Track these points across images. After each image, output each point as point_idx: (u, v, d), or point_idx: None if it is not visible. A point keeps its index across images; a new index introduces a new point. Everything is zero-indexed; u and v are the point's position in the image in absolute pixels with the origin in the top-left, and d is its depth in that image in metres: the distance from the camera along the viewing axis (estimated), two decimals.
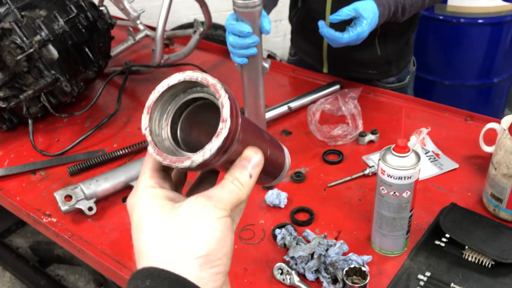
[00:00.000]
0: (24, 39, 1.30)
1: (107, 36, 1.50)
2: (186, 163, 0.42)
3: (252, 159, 0.47)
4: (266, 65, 1.14)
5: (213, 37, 3.00)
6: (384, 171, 0.91)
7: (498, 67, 2.77)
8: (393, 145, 0.91)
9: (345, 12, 1.21)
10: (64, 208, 1.12)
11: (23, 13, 1.34)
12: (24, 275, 2.21)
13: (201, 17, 1.86)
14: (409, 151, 0.90)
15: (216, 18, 3.03)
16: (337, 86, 1.53)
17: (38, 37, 1.30)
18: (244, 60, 1.09)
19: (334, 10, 1.31)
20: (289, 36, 1.72)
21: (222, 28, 3.05)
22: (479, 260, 0.96)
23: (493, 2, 2.48)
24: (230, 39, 1.07)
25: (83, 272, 2.32)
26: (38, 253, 2.37)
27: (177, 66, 1.69)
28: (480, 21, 2.53)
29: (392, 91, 1.52)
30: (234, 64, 1.12)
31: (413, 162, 0.90)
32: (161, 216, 0.43)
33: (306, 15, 1.47)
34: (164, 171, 0.49)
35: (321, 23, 1.24)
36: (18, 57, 1.29)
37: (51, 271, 2.35)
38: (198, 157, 0.42)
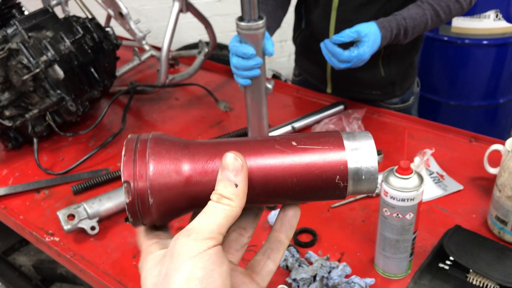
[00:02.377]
0: (31, 59, 1.32)
1: (112, 57, 1.52)
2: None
3: (231, 166, 0.42)
4: (270, 86, 1.15)
5: (218, 57, 3.03)
6: (387, 193, 0.90)
7: (503, 88, 2.77)
8: (396, 167, 0.91)
9: (347, 34, 1.22)
10: (66, 227, 1.12)
11: (30, 34, 1.36)
12: None
13: (206, 37, 1.88)
14: (411, 172, 0.89)
15: (222, 39, 3.06)
16: (341, 107, 1.53)
17: (44, 58, 1.31)
18: (247, 81, 1.10)
19: (337, 31, 1.32)
20: (293, 57, 1.73)
21: (227, 48, 3.07)
22: (484, 284, 0.95)
23: (498, 24, 2.49)
24: (234, 60, 1.08)
25: None
26: (41, 271, 2.36)
27: (181, 86, 1.71)
28: (485, 42, 2.53)
29: (396, 112, 1.52)
30: (238, 85, 1.13)
31: (415, 184, 0.89)
32: (151, 269, 0.41)
33: (310, 36, 1.48)
34: None
35: (325, 41, 1.25)
36: (25, 77, 1.30)
37: None
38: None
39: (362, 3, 1.34)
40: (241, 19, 1.06)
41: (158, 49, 2.05)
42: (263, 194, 0.44)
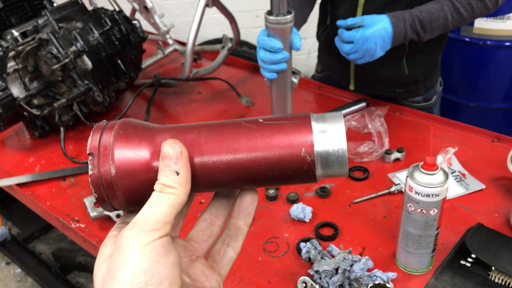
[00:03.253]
0: (60, 49, 1.35)
1: (139, 49, 1.54)
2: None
3: (169, 154, 0.41)
4: (295, 80, 1.16)
5: (239, 53, 3.04)
6: (411, 188, 0.91)
7: None
8: (422, 163, 0.91)
9: (351, 19, 1.26)
10: (93, 214, 1.15)
11: (60, 25, 1.39)
12: (45, 281, 2.24)
13: (227, 33, 1.90)
14: (437, 169, 0.90)
15: (242, 35, 3.09)
16: (363, 104, 1.54)
17: (74, 48, 1.34)
18: (273, 75, 1.11)
19: None
20: (313, 54, 1.74)
21: (247, 44, 3.10)
22: (506, 282, 0.95)
23: None
24: (261, 54, 1.10)
25: None
26: (60, 260, 2.40)
27: (205, 80, 1.73)
28: (507, 43, 2.52)
29: (419, 110, 1.52)
30: (260, 79, 1.15)
31: (441, 180, 0.90)
32: (101, 264, 0.41)
33: (335, 32, 1.49)
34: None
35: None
36: (54, 67, 1.33)
37: (72, 278, 2.38)
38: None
39: (388, 1, 1.34)
40: (269, 13, 1.07)
41: (181, 43, 2.08)
42: (220, 174, 0.42)
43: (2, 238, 2.45)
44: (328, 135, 0.41)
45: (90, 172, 0.41)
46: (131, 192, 0.43)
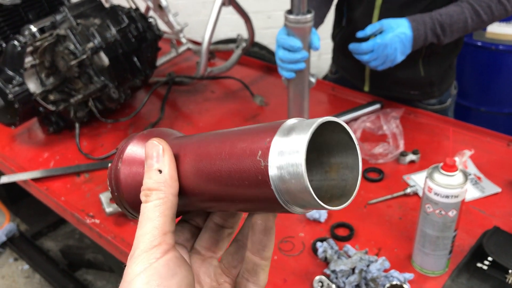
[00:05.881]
0: (78, 45, 1.36)
1: (154, 47, 1.55)
2: None
3: (151, 153, 0.39)
4: (313, 80, 1.17)
5: (249, 53, 3.05)
6: (431, 189, 0.91)
7: None
8: (441, 164, 0.91)
9: (369, 27, 1.24)
10: (108, 210, 1.15)
11: (78, 21, 1.39)
12: (53, 278, 2.25)
13: (239, 33, 1.90)
14: (457, 170, 0.90)
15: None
16: (378, 105, 1.54)
17: (91, 44, 1.35)
18: (292, 74, 1.12)
19: None
20: (324, 56, 1.74)
21: (258, 45, 3.10)
22: None
23: None
24: (280, 53, 1.10)
25: (110, 278, 2.35)
26: (68, 256, 2.41)
27: (219, 79, 1.73)
28: None
29: (433, 112, 1.52)
30: (274, 79, 1.15)
31: (460, 181, 0.90)
32: None
33: (351, 33, 1.50)
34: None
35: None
36: (72, 63, 1.34)
37: (80, 275, 2.38)
38: None
39: (406, 2, 1.34)
40: (289, 12, 1.07)
41: (195, 42, 2.08)
42: (198, 182, 0.38)
43: (10, 234, 2.46)
44: (286, 157, 0.32)
45: (108, 165, 0.43)
46: (132, 192, 0.42)
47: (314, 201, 0.32)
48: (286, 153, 0.32)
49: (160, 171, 0.37)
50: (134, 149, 0.43)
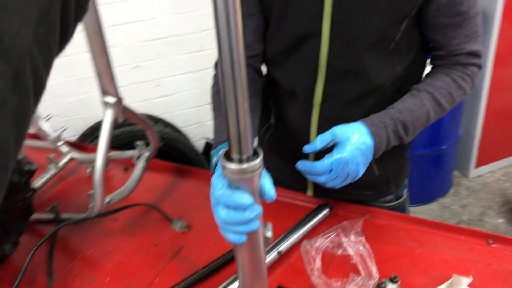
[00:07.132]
0: None
1: (26, 190, 1.12)
2: None
3: None
4: (269, 234, 0.85)
5: None
6: None
7: (444, 134, 2.79)
8: None
9: (319, 139, 0.98)
10: None
11: None
12: None
13: (138, 141, 1.54)
14: None
15: (144, 106, 2.71)
16: (327, 210, 1.27)
17: None
18: (242, 238, 0.79)
19: (321, 131, 1.05)
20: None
21: (162, 122, 2.70)
22: None
23: None
24: (223, 214, 0.77)
25: None
26: None
27: (121, 210, 1.32)
28: None
29: (391, 211, 1.28)
30: (192, 185, 0.83)
31: None
32: None
33: (285, 134, 1.21)
34: None
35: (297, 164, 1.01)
36: None
37: None
38: None
39: (352, 98, 1.08)
40: (228, 157, 0.74)
41: (78, 147, 1.67)
42: None
43: None
44: None
45: None
46: None
47: None
48: None
49: None
50: None
